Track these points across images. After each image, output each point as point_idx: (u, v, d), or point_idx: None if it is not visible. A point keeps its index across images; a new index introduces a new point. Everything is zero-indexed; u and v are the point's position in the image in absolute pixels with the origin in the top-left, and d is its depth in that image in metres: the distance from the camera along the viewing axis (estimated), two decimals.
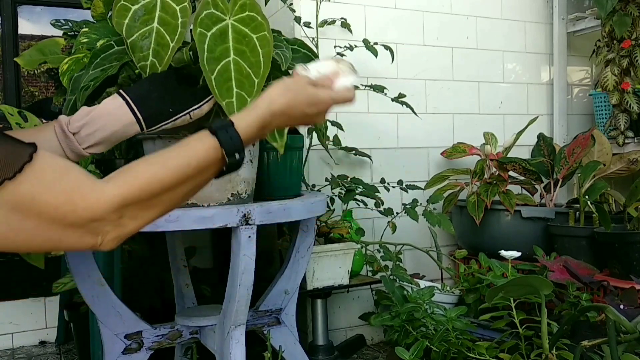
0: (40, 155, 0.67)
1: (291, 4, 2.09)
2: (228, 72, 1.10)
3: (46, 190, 0.68)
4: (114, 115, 1.02)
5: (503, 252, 1.84)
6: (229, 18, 1.15)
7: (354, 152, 2.10)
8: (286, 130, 1.12)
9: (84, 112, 1.01)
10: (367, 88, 2.05)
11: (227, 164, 0.78)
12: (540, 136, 2.41)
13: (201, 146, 0.77)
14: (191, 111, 1.10)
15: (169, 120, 1.07)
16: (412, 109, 2.05)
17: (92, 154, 1.01)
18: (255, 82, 1.10)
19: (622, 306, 1.49)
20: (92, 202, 0.70)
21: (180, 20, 1.12)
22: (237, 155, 0.78)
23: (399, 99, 2.04)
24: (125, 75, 1.28)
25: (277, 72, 1.21)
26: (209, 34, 1.11)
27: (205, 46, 1.10)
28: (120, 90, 1.04)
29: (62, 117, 1.00)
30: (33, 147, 0.67)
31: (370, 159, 2.20)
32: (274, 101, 0.84)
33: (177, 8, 1.13)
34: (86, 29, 1.34)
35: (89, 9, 1.42)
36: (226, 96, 1.08)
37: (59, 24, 1.64)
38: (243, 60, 1.11)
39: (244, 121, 0.81)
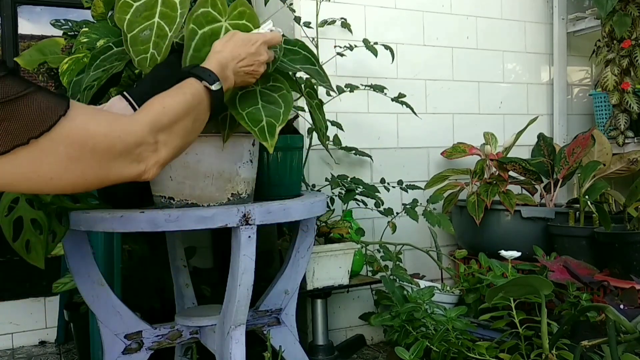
0: (73, 101, 0.77)
1: (291, 4, 2.09)
2: None
3: (94, 122, 0.78)
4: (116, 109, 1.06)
5: (503, 252, 1.84)
6: (225, 20, 1.15)
7: (354, 152, 2.10)
8: (277, 130, 1.12)
9: None
10: (367, 88, 2.05)
11: (212, 92, 0.99)
12: (541, 136, 2.41)
13: (190, 84, 0.97)
14: None
15: None
16: (411, 109, 2.05)
17: None
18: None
19: (622, 306, 1.49)
20: (132, 128, 0.82)
21: (179, 11, 1.13)
22: (216, 84, 1.00)
23: (398, 98, 2.04)
24: (126, 75, 1.28)
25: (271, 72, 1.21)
26: (200, 32, 1.12)
27: (193, 43, 1.11)
28: (124, 92, 1.06)
29: None
30: (65, 96, 0.77)
31: (371, 159, 2.20)
32: (217, 44, 1.09)
33: (177, 0, 1.13)
34: (86, 29, 1.34)
35: (89, 8, 1.42)
36: None
37: (59, 24, 1.64)
38: None
39: (207, 64, 1.04)
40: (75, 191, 0.86)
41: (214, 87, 0.99)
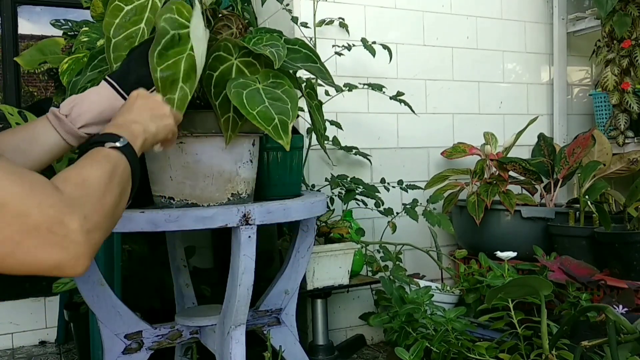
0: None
1: (287, 4, 2.09)
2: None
3: (9, 180, 0.62)
4: (99, 94, 1.06)
5: (499, 253, 1.84)
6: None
7: (354, 152, 2.10)
8: (290, 127, 1.11)
9: (72, 97, 1.06)
10: (365, 87, 2.05)
11: (123, 150, 0.85)
12: (541, 136, 2.41)
13: (96, 151, 0.82)
14: None
15: (152, 89, 1.07)
16: (410, 107, 2.05)
17: (89, 134, 1.04)
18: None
19: (621, 307, 1.49)
20: (57, 199, 0.64)
21: None
22: (121, 140, 0.86)
23: (397, 97, 2.04)
24: None
25: (270, 68, 1.20)
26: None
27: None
28: (107, 77, 1.08)
29: (53, 108, 1.05)
30: None
31: (370, 161, 2.19)
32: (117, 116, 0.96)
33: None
34: (86, 28, 1.34)
35: (88, 8, 1.42)
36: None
37: (59, 24, 1.64)
38: None
39: (106, 130, 0.90)
40: None
41: (118, 144, 0.85)
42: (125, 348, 1.43)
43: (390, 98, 2.05)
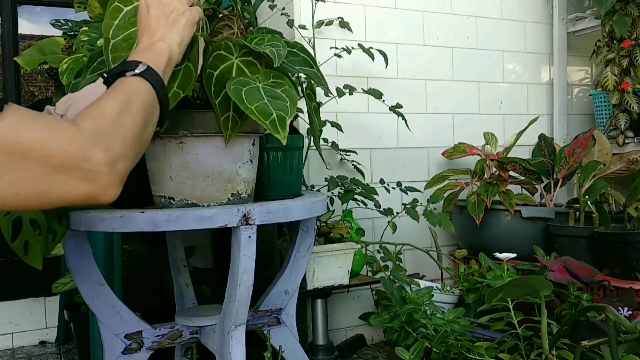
0: (11, 104, 0.67)
1: (283, 8, 2.08)
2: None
3: (27, 125, 0.65)
4: (95, 93, 1.03)
5: (498, 254, 1.84)
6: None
7: (352, 161, 2.09)
8: (288, 123, 1.11)
9: (68, 96, 1.05)
10: (365, 92, 2.04)
11: (145, 77, 0.87)
12: (542, 137, 2.41)
13: (117, 83, 0.86)
14: None
15: None
16: (405, 121, 2.01)
17: None
18: None
19: (626, 308, 1.49)
20: (77, 138, 0.68)
21: None
22: (140, 66, 0.89)
23: (395, 108, 2.03)
24: None
25: (270, 69, 1.21)
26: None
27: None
28: (104, 74, 1.06)
29: (48, 106, 1.04)
30: (3, 99, 0.67)
31: (362, 174, 2.16)
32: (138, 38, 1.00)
33: None
34: (86, 28, 1.34)
35: (82, 12, 1.42)
36: None
37: (59, 24, 1.64)
38: None
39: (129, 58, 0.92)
40: (6, 209, 0.69)
41: (137, 71, 0.88)
42: (125, 348, 1.43)
43: (390, 109, 2.03)
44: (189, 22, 1.01)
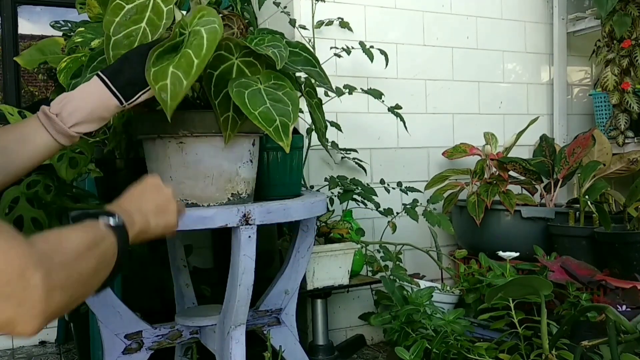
0: None
1: (285, 7, 2.08)
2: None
3: None
4: (90, 92, 1.04)
5: (501, 253, 1.84)
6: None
7: (352, 157, 2.10)
8: (291, 130, 1.11)
9: (62, 95, 1.04)
10: (365, 92, 2.04)
11: (114, 230, 0.81)
12: (543, 137, 2.41)
13: (89, 223, 0.78)
14: None
15: (146, 89, 1.06)
16: (404, 123, 2.02)
17: (80, 133, 1.03)
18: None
19: (623, 307, 1.49)
20: (25, 251, 0.59)
21: (164, 21, 1.12)
22: (113, 219, 0.83)
23: (394, 109, 2.03)
24: None
25: (271, 69, 1.21)
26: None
27: None
28: (99, 72, 1.05)
29: (43, 106, 1.03)
30: None
31: (364, 170, 2.18)
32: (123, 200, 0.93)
33: (165, 9, 1.13)
34: (82, 29, 1.34)
35: (84, 13, 1.42)
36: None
37: (59, 25, 1.64)
38: None
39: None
40: None
41: (111, 222, 0.83)
42: (125, 348, 1.43)
43: (389, 109, 2.03)
44: (169, 224, 0.98)
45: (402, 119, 2.02)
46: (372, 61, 2.05)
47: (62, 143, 1.02)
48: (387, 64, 2.07)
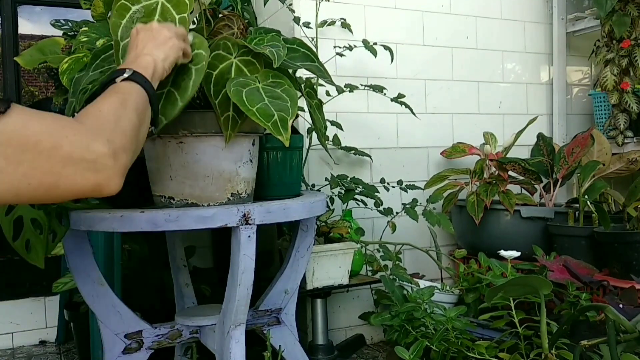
0: (15, 104, 0.70)
1: (290, 4, 2.09)
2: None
3: (36, 120, 0.69)
4: None
5: (502, 252, 1.84)
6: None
7: (353, 152, 2.10)
8: (289, 124, 1.11)
9: None
10: (366, 88, 2.05)
11: (136, 80, 0.94)
12: (540, 136, 2.41)
13: (111, 87, 0.91)
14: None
15: None
16: (411, 109, 2.05)
17: None
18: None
19: (621, 305, 1.49)
20: (81, 131, 0.72)
21: None
22: (127, 72, 0.95)
23: (398, 99, 2.05)
24: None
25: (269, 68, 1.21)
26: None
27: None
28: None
29: None
30: (6, 99, 0.71)
31: (370, 158, 2.20)
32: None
33: (177, 17, 1.12)
34: (86, 28, 1.34)
35: (88, 9, 1.42)
36: None
37: (59, 24, 1.64)
38: None
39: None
40: (20, 200, 0.71)
41: (126, 75, 0.94)
42: (125, 348, 1.43)
43: (392, 100, 2.05)
44: (175, 46, 1.07)
45: (407, 106, 2.03)
46: (375, 56, 2.05)
47: None
48: (392, 59, 2.07)
